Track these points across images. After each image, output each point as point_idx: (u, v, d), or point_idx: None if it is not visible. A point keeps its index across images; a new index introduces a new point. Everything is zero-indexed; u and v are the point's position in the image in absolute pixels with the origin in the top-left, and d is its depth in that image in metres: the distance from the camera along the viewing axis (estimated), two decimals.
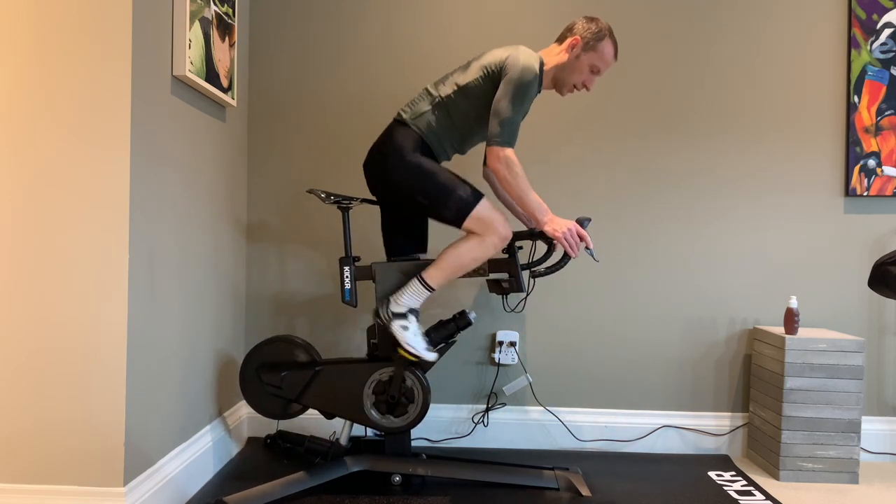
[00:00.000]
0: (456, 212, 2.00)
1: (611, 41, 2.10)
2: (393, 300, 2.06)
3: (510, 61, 1.98)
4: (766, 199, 2.67)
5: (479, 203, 2.00)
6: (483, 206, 2.00)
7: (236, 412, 2.58)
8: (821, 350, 2.37)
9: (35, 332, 1.71)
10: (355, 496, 2.09)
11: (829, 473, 2.38)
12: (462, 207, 1.99)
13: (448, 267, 2.02)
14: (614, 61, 2.16)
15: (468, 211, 1.99)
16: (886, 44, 2.62)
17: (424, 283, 2.04)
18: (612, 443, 2.67)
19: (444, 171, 2.03)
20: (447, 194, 1.99)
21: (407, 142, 2.05)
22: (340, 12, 2.67)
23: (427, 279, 2.04)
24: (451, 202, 1.99)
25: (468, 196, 2.00)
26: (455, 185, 2.00)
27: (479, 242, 2.00)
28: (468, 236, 2.03)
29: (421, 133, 2.07)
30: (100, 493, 1.71)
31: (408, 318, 2.04)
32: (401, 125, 2.09)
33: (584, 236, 2.00)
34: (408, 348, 2.03)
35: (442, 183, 2.00)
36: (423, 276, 2.04)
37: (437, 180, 2.00)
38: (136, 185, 1.74)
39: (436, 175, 2.01)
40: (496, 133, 1.97)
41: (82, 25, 1.69)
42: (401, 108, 2.14)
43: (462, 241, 2.02)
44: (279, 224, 2.69)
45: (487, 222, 1.99)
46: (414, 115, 2.09)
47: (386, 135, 2.10)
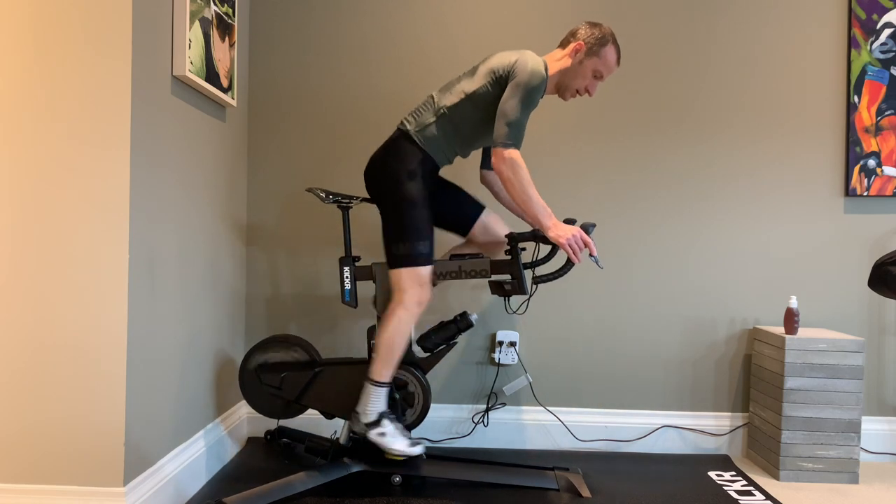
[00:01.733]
0: (399, 255, 2.02)
1: (614, 46, 2.09)
2: (361, 413, 2.07)
3: (519, 65, 1.98)
4: (766, 199, 2.67)
5: (422, 266, 2.02)
6: (423, 271, 2.02)
7: (236, 412, 2.58)
8: (821, 350, 2.37)
9: (35, 332, 1.71)
10: (355, 496, 2.09)
11: (829, 473, 2.38)
12: (407, 256, 2.01)
13: (386, 355, 2.04)
14: (617, 67, 2.16)
15: (408, 263, 2.01)
16: (886, 44, 2.62)
17: (376, 382, 2.05)
18: (612, 443, 2.67)
19: (424, 217, 2.03)
20: (407, 238, 2.01)
21: (408, 160, 2.05)
22: (340, 12, 2.67)
23: (376, 377, 2.05)
24: (404, 246, 2.01)
25: (421, 253, 2.02)
26: (420, 236, 2.02)
27: (398, 316, 2.02)
28: (384, 320, 2.04)
29: (424, 146, 2.06)
30: (100, 493, 1.71)
31: (381, 424, 2.05)
32: (405, 138, 2.08)
33: (589, 243, 1.98)
34: (393, 452, 2.04)
35: (413, 226, 2.01)
36: (371, 377, 2.06)
37: (411, 221, 2.01)
38: (136, 185, 1.74)
39: (412, 212, 2.01)
40: (503, 134, 1.96)
41: (82, 25, 1.69)
42: (405, 118, 2.13)
43: (382, 327, 2.04)
44: (279, 224, 2.69)
45: (409, 284, 2.02)
46: (418, 126, 2.07)
47: (388, 147, 2.09)
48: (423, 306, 2.04)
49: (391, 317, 2.03)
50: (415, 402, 2.14)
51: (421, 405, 2.14)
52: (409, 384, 2.14)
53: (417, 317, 2.05)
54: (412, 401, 2.14)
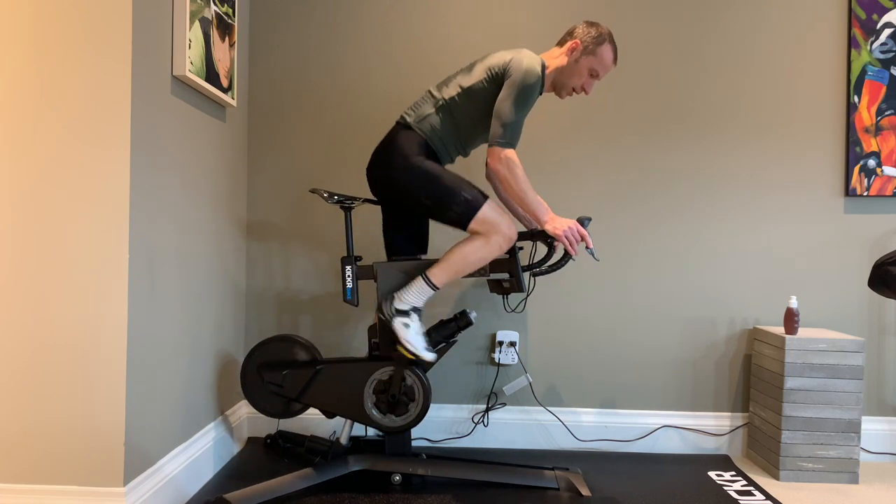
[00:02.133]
0: (461, 213, 2.00)
1: (610, 46, 2.10)
2: (397, 297, 2.06)
3: (514, 64, 1.99)
4: (766, 199, 2.67)
5: (484, 205, 2.00)
6: (488, 207, 2.01)
7: (236, 412, 2.58)
8: (821, 350, 2.37)
9: (35, 332, 1.71)
10: (355, 496, 2.09)
11: (829, 473, 2.38)
12: (467, 209, 2.00)
13: (453, 266, 2.03)
14: (613, 66, 2.16)
15: (473, 213, 2.00)
16: (886, 44, 2.62)
17: (429, 281, 2.04)
18: (612, 443, 2.67)
19: (449, 174, 2.04)
20: (452, 196, 2.00)
21: (411, 145, 2.06)
22: (340, 12, 2.67)
23: (432, 278, 2.04)
24: (456, 204, 2.00)
25: (473, 198, 2.00)
26: (460, 188, 2.01)
27: (485, 243, 2.01)
28: (474, 236, 2.03)
29: (425, 136, 2.08)
30: (100, 493, 1.71)
31: (410, 316, 2.05)
32: (405, 128, 2.10)
33: (585, 235, 2.01)
34: (407, 346, 2.03)
35: (447, 185, 2.01)
36: (428, 274, 2.04)
37: (441, 183, 2.01)
38: (136, 185, 1.74)
39: (440, 177, 2.01)
40: (498, 134, 1.98)
41: (82, 25, 1.69)
42: (404, 111, 2.15)
43: (468, 240, 2.03)
44: (280, 223, 2.69)
45: (492, 223, 2.00)
46: (418, 118, 2.09)
47: (390, 138, 2.10)
48: (511, 242, 2.03)
49: (481, 238, 2.01)
50: (415, 401, 2.14)
51: (421, 404, 2.14)
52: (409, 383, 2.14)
53: (502, 254, 2.04)
54: (412, 400, 2.14)
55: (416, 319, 2.06)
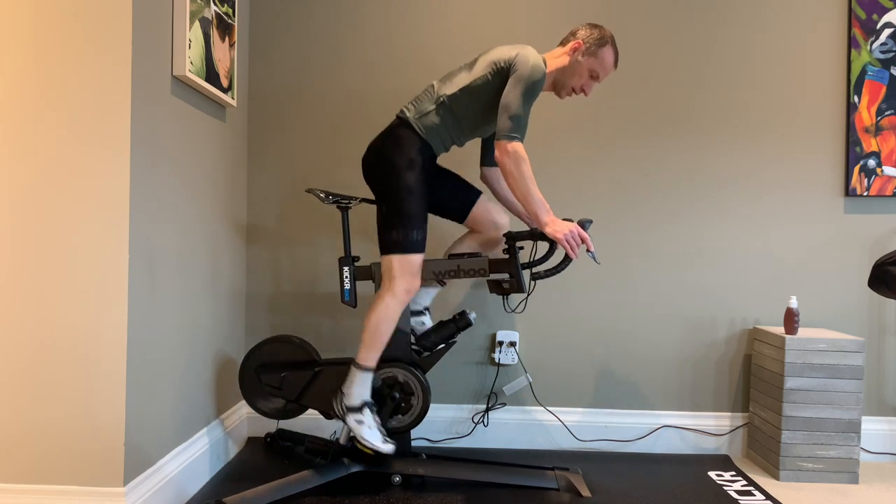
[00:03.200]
0: (392, 242, 2.02)
1: (612, 48, 2.11)
2: (345, 393, 2.07)
3: (520, 59, 2.00)
4: (766, 199, 2.67)
5: (414, 254, 2.02)
6: (415, 258, 2.02)
7: (236, 412, 2.58)
8: (821, 350, 2.37)
9: (35, 332, 1.71)
10: (355, 496, 2.09)
11: (829, 473, 2.37)
12: (399, 242, 2.01)
13: (371, 340, 2.04)
14: (614, 69, 2.17)
15: (397, 251, 2.01)
16: (886, 44, 2.62)
17: (360, 367, 2.06)
18: (612, 443, 2.67)
19: (418, 204, 2.03)
20: (400, 224, 2.01)
21: (405, 149, 2.05)
22: (340, 12, 2.67)
23: (361, 362, 2.06)
24: (396, 232, 2.01)
25: (414, 241, 2.02)
26: (414, 224, 2.02)
27: (381, 300, 2.03)
28: (373, 304, 2.04)
29: (422, 133, 2.08)
30: (100, 493, 1.71)
31: (363, 412, 2.05)
32: (404, 125, 2.10)
33: (586, 238, 2.00)
34: (365, 444, 2.03)
35: (407, 214, 2.01)
36: (357, 361, 2.06)
37: (404, 206, 2.01)
38: (136, 185, 1.74)
39: (407, 201, 2.02)
40: (506, 127, 1.97)
41: (82, 25, 1.69)
42: (404, 106, 2.15)
43: (370, 311, 2.04)
44: (279, 224, 2.69)
45: (400, 272, 2.01)
46: (418, 113, 2.09)
47: (387, 134, 2.10)
48: (411, 294, 2.04)
49: (379, 302, 2.03)
50: (415, 401, 2.14)
51: (421, 405, 2.14)
52: (409, 384, 2.14)
53: (405, 305, 2.05)
54: (412, 400, 2.14)
55: (369, 414, 2.06)
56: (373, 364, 2.06)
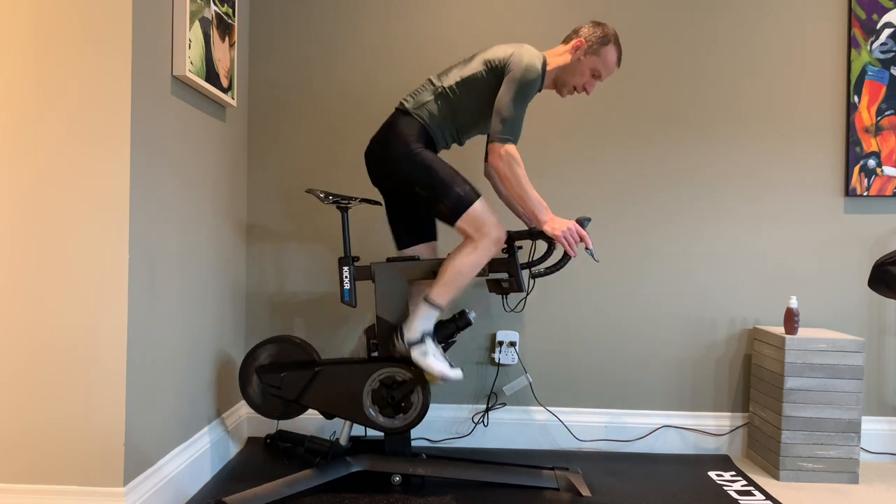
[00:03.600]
0: (451, 208, 2.00)
1: (615, 47, 2.10)
2: (406, 328, 2.07)
3: (514, 59, 2.00)
4: (767, 199, 2.67)
5: (475, 203, 2.00)
6: (479, 206, 2.00)
7: (236, 412, 2.58)
8: (821, 350, 2.36)
9: (35, 332, 1.71)
10: (355, 496, 2.09)
11: (829, 473, 2.37)
12: (458, 204, 1.99)
13: (451, 281, 2.02)
14: (616, 68, 2.17)
15: (464, 209, 1.99)
16: (886, 44, 2.62)
17: (433, 304, 2.05)
18: (612, 443, 2.67)
19: (445, 166, 2.03)
20: (445, 189, 2.00)
21: (410, 131, 2.05)
22: (340, 12, 2.67)
23: (436, 299, 2.04)
24: (448, 198, 1.99)
25: (465, 193, 2.00)
26: (454, 181, 2.00)
27: (473, 248, 2.01)
28: (461, 246, 2.03)
29: (423, 122, 2.08)
30: (100, 493, 1.71)
31: (425, 343, 2.05)
32: (403, 114, 2.10)
33: (584, 236, 2.00)
34: (433, 373, 2.03)
35: (441, 177, 2.00)
36: (430, 298, 2.05)
37: (437, 174, 2.01)
38: (136, 185, 1.74)
39: (436, 169, 2.01)
40: (498, 130, 1.98)
41: (82, 25, 1.69)
42: (403, 98, 2.15)
43: (456, 252, 2.03)
44: (279, 224, 2.69)
45: (481, 223, 2.00)
46: (416, 104, 2.09)
47: (388, 124, 2.10)
48: (500, 244, 2.02)
49: (476, 247, 2.00)
50: (415, 401, 2.14)
51: (421, 404, 2.14)
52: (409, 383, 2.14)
53: (493, 254, 2.03)
54: (412, 400, 2.14)
55: (431, 344, 2.05)
56: (444, 304, 2.04)
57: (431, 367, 2.02)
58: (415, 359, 2.04)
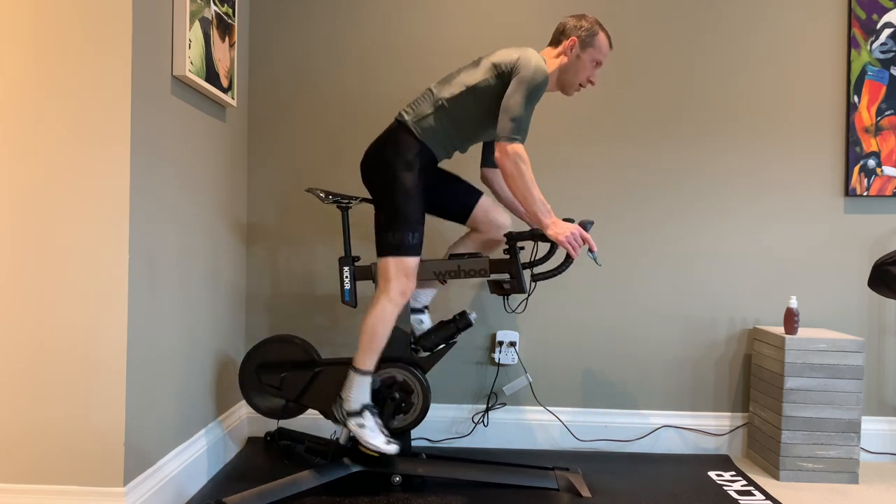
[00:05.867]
0: (388, 244, 2.02)
1: (603, 33, 2.13)
2: (343, 399, 2.08)
3: (523, 61, 2.00)
4: (766, 199, 2.67)
5: (409, 257, 2.02)
6: (411, 261, 2.02)
7: (236, 412, 2.58)
8: (821, 350, 2.37)
9: (35, 332, 1.71)
10: (355, 496, 2.09)
11: (829, 473, 2.37)
12: (396, 245, 2.01)
13: (368, 343, 2.04)
14: (611, 50, 2.18)
15: (393, 252, 2.01)
16: (886, 44, 2.62)
17: (358, 370, 2.06)
18: (612, 443, 2.67)
19: (415, 207, 2.03)
20: (397, 227, 2.01)
21: (404, 150, 2.05)
22: (340, 12, 2.67)
23: (359, 366, 2.06)
24: (393, 235, 2.01)
25: (410, 244, 2.01)
26: (411, 227, 2.02)
27: (382, 304, 2.02)
28: (369, 308, 2.04)
29: (421, 137, 2.07)
30: (100, 493, 1.71)
31: (363, 416, 2.05)
32: (402, 128, 2.09)
33: (588, 239, 2.00)
34: (369, 446, 2.03)
35: (404, 216, 2.01)
36: (355, 366, 2.06)
37: (401, 209, 2.01)
38: (136, 184, 1.74)
39: (405, 205, 2.01)
40: (507, 128, 1.97)
41: (82, 25, 1.69)
42: (403, 109, 2.14)
43: (367, 314, 2.04)
44: (279, 224, 2.69)
45: (393, 274, 2.01)
46: (416, 117, 2.08)
47: (386, 137, 2.09)
48: (406, 297, 2.04)
49: (375, 305, 2.03)
50: (415, 401, 2.14)
51: (421, 404, 2.14)
52: (409, 384, 2.14)
53: (400, 307, 2.05)
54: (412, 400, 2.14)
55: (370, 416, 2.06)
56: (370, 367, 2.06)
57: (369, 442, 2.03)
58: (351, 430, 2.06)
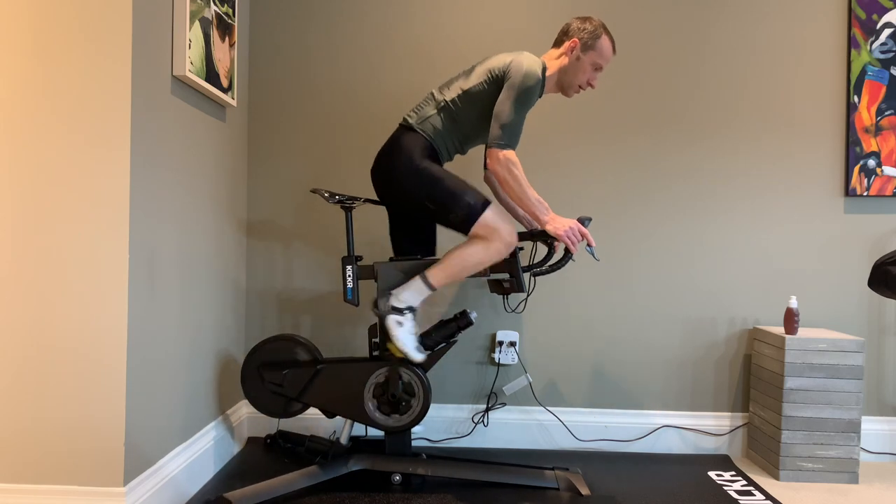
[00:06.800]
0: (464, 217, 2.01)
1: (607, 36, 2.13)
2: (394, 294, 2.07)
3: (513, 66, 2.01)
4: (766, 199, 2.67)
5: (486, 210, 2.01)
6: (491, 212, 2.01)
7: (237, 412, 2.58)
8: (821, 350, 2.37)
9: (35, 332, 1.71)
10: (355, 495, 2.09)
11: (829, 473, 2.38)
12: (470, 213, 2.00)
13: (452, 268, 2.03)
14: (613, 55, 2.18)
15: (476, 217, 2.00)
16: (886, 44, 2.62)
17: (427, 282, 2.05)
18: (612, 443, 2.67)
19: (452, 177, 2.04)
20: (455, 200, 2.00)
21: (415, 147, 2.07)
22: (340, 12, 2.67)
23: (430, 279, 2.05)
24: (459, 208, 2.00)
25: (476, 202, 2.01)
26: (463, 191, 2.01)
27: (485, 247, 2.01)
28: (474, 239, 2.03)
29: (427, 137, 2.10)
30: (100, 493, 1.71)
31: (405, 315, 2.06)
32: (408, 130, 2.11)
33: (586, 234, 2.02)
34: (398, 344, 2.04)
35: (450, 189, 2.01)
36: (427, 275, 2.05)
37: (445, 186, 2.02)
38: (136, 184, 1.74)
39: (444, 181, 2.02)
40: (496, 136, 1.99)
41: (82, 25, 1.69)
42: (406, 114, 2.17)
43: (468, 243, 2.03)
44: (280, 223, 2.69)
45: (494, 228, 2.00)
46: (420, 119, 2.11)
47: (393, 141, 2.12)
48: (511, 248, 2.02)
49: (482, 244, 2.01)
50: (415, 400, 2.14)
51: (421, 404, 2.14)
52: (409, 383, 2.14)
53: (503, 256, 2.02)
54: (412, 400, 2.14)
55: (410, 319, 2.07)
56: (437, 286, 2.05)
57: (400, 340, 2.03)
58: (388, 325, 2.05)
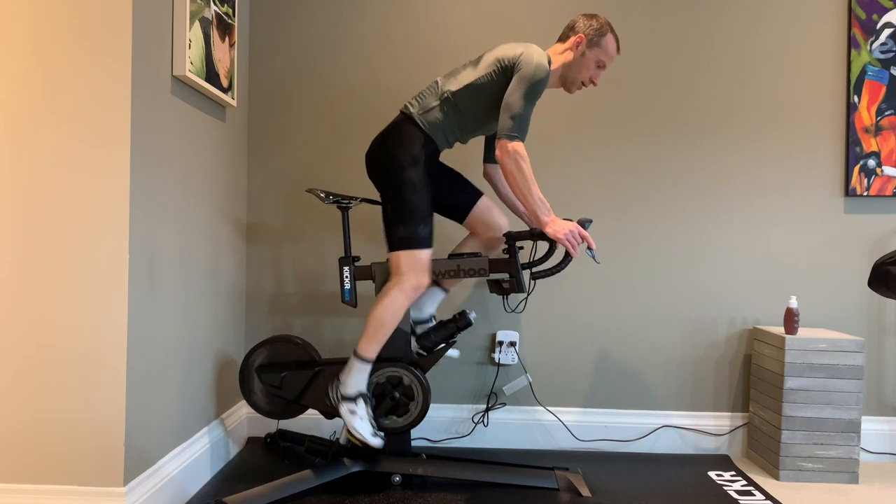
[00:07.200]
0: (398, 239, 2.02)
1: (612, 35, 2.13)
2: (341, 383, 2.08)
3: (524, 58, 2.00)
4: (766, 199, 2.67)
5: (419, 251, 2.02)
6: (422, 254, 2.02)
7: (236, 412, 2.58)
8: (821, 350, 2.37)
9: (35, 332, 1.71)
10: (355, 496, 2.09)
11: (829, 473, 2.37)
12: (405, 239, 2.01)
13: (374, 332, 2.04)
14: (617, 54, 2.18)
15: (405, 247, 2.01)
16: (886, 44, 2.62)
17: (360, 357, 2.06)
18: (612, 443, 2.67)
19: (422, 198, 2.03)
20: (407, 221, 2.01)
21: (409, 142, 2.06)
22: (340, 12, 2.67)
23: (362, 354, 2.06)
24: (403, 229, 2.01)
25: (419, 237, 2.02)
26: (420, 220, 2.02)
27: (393, 296, 2.02)
28: (380, 296, 2.05)
29: (426, 129, 2.08)
30: (100, 493, 1.71)
31: (356, 403, 2.06)
32: (408, 121, 2.10)
33: (587, 236, 2.01)
34: (354, 433, 2.04)
35: (412, 209, 2.02)
36: (357, 351, 2.07)
37: (409, 202, 2.02)
38: (136, 184, 1.74)
39: (412, 197, 2.02)
40: (507, 126, 1.97)
41: (82, 25, 1.69)
42: (408, 101, 2.15)
43: (377, 302, 2.05)
44: (279, 223, 2.69)
45: (407, 267, 2.02)
46: (422, 109, 2.09)
47: (391, 129, 2.10)
48: (419, 291, 2.04)
49: (386, 295, 2.03)
50: (415, 401, 2.14)
51: (421, 404, 2.14)
52: (409, 383, 2.14)
53: (412, 301, 2.05)
54: (412, 400, 2.14)
55: (363, 405, 2.06)
56: (373, 356, 2.07)
57: (356, 429, 2.03)
58: (342, 414, 2.06)
